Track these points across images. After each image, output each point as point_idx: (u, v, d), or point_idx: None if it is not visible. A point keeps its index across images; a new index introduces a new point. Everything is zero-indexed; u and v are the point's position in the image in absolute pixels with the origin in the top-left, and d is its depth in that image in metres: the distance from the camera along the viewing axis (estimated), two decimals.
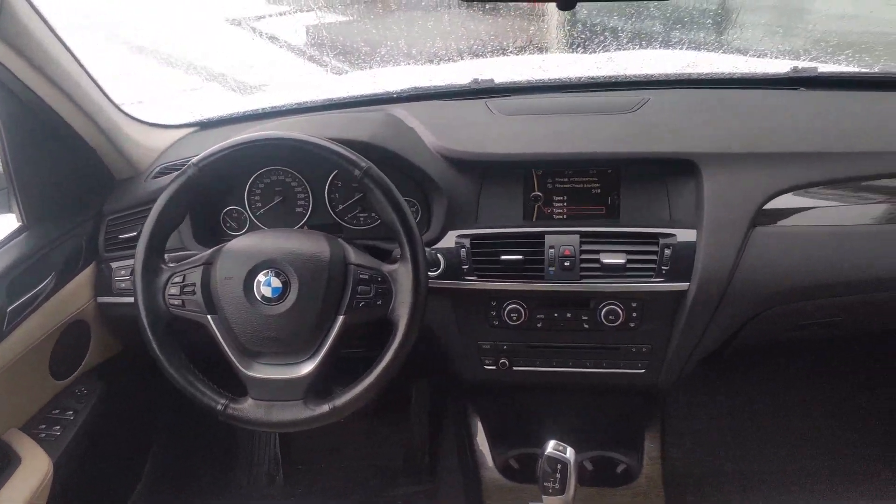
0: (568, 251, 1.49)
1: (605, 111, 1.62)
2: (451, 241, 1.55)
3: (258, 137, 1.33)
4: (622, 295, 1.51)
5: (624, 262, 1.48)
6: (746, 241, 1.46)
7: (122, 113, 1.66)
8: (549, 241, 1.50)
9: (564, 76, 1.96)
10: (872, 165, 1.49)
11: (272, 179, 1.67)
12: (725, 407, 2.16)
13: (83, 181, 1.66)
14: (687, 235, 1.48)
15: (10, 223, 1.54)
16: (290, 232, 1.52)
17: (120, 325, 1.68)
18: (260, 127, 1.67)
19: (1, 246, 1.47)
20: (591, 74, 1.93)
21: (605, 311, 1.52)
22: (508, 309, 1.54)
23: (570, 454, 1.28)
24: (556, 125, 1.61)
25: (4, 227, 1.53)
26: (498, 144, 1.57)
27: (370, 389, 1.29)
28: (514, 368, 1.63)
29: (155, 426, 2.04)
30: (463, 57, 2.20)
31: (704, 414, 2.14)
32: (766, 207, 1.47)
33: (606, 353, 1.60)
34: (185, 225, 1.59)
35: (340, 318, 1.30)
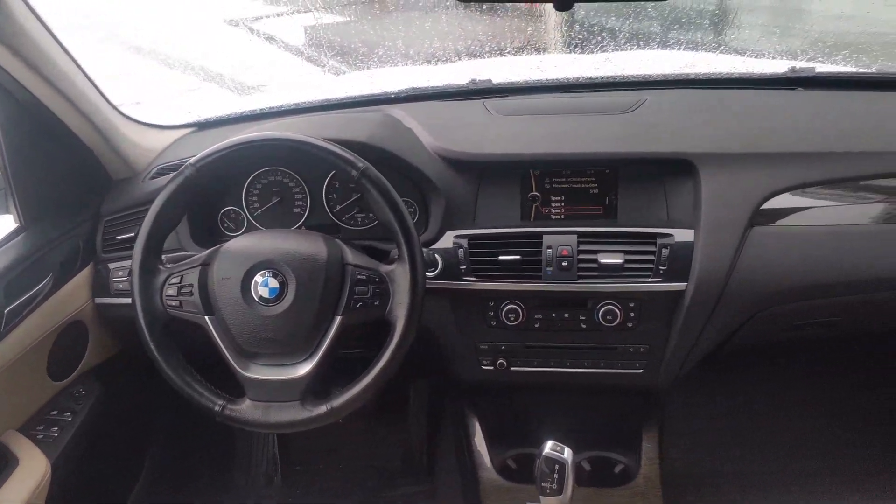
0: (566, 251, 1.49)
1: (602, 111, 1.62)
2: (448, 241, 1.55)
3: (255, 138, 1.32)
4: (620, 295, 1.51)
5: (621, 262, 1.48)
6: (744, 241, 1.46)
7: (119, 113, 1.66)
8: (546, 241, 1.50)
9: (562, 76, 1.96)
10: (870, 165, 1.49)
11: (270, 180, 1.67)
12: (724, 407, 2.16)
13: (80, 182, 1.66)
14: (684, 235, 1.48)
15: (7, 224, 1.54)
16: (287, 232, 1.52)
17: (117, 325, 1.68)
18: (258, 127, 1.67)
19: None
20: (588, 75, 1.93)
21: (602, 311, 1.52)
22: (506, 309, 1.54)
23: (567, 454, 1.28)
24: (553, 125, 1.61)
25: (2, 227, 1.53)
26: (496, 145, 1.57)
27: (368, 390, 1.29)
28: (511, 369, 1.63)
29: (153, 427, 2.04)
30: (461, 57, 2.20)
31: (702, 414, 2.14)
32: (763, 207, 1.47)
33: (604, 353, 1.60)
34: (182, 225, 1.59)
35: (338, 318, 1.30)
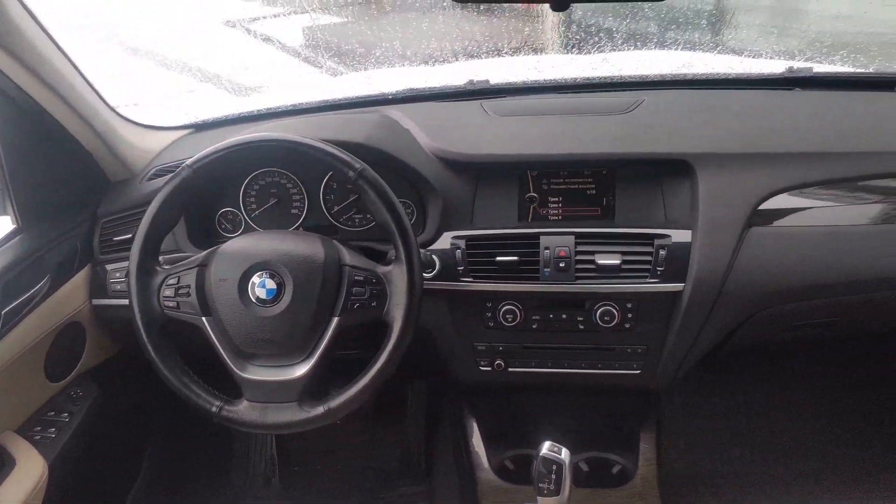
0: (563, 252, 1.49)
1: (600, 112, 1.62)
2: (446, 242, 1.55)
3: (252, 139, 1.32)
4: (617, 296, 1.51)
5: (619, 262, 1.48)
6: (742, 241, 1.46)
7: (116, 115, 1.66)
8: (544, 241, 1.50)
9: (560, 77, 1.96)
10: (868, 165, 1.49)
11: (267, 181, 1.66)
12: (722, 407, 2.16)
13: (78, 183, 1.66)
14: (682, 236, 1.48)
15: (4, 225, 1.53)
16: (284, 233, 1.52)
17: (115, 327, 1.68)
18: (255, 128, 1.66)
19: None
20: (586, 75, 1.93)
21: (600, 311, 1.52)
22: (504, 310, 1.54)
23: (565, 455, 1.28)
24: (551, 126, 1.60)
25: None
26: (493, 145, 1.57)
27: (365, 391, 1.29)
28: (509, 369, 1.63)
29: (150, 428, 2.04)
30: (458, 58, 2.20)
31: (700, 414, 2.14)
32: (761, 208, 1.47)
33: (601, 354, 1.59)
34: (180, 226, 1.58)
35: (335, 319, 1.30)
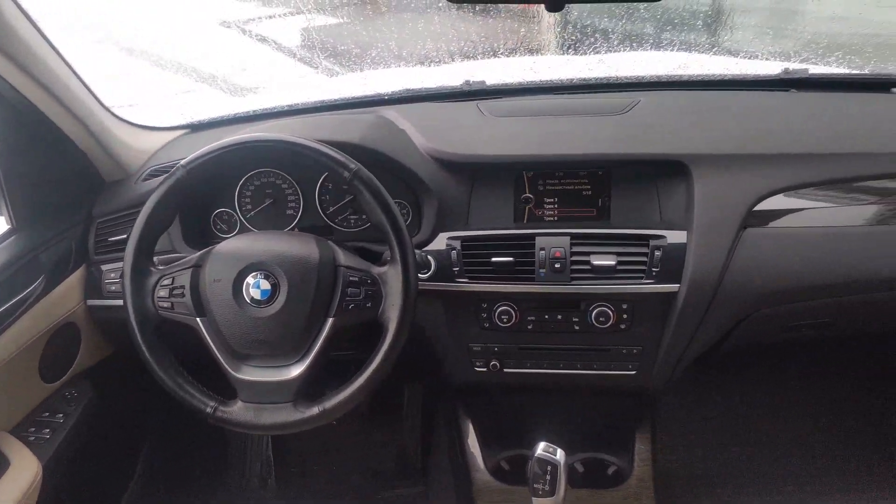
0: (558, 253, 1.49)
1: (596, 113, 1.62)
2: (441, 242, 1.55)
3: (247, 139, 1.32)
4: (613, 296, 1.51)
5: (614, 263, 1.48)
6: (737, 242, 1.46)
7: (112, 115, 1.66)
8: (539, 242, 1.50)
9: (556, 78, 1.95)
10: (863, 166, 1.49)
11: (263, 181, 1.66)
12: (717, 408, 2.16)
13: (73, 184, 1.66)
14: (677, 237, 1.48)
15: None
16: (279, 234, 1.52)
17: (110, 327, 1.68)
18: (251, 129, 1.66)
19: None
20: (582, 76, 1.93)
21: (595, 312, 1.52)
22: (499, 311, 1.54)
23: (560, 456, 1.28)
24: (547, 127, 1.61)
25: None
26: (489, 146, 1.57)
27: (360, 392, 1.29)
28: (504, 370, 1.63)
29: (146, 429, 2.03)
30: (454, 59, 2.19)
31: (696, 415, 2.14)
32: (756, 209, 1.48)
33: (597, 354, 1.60)
34: (174, 227, 1.58)
35: (330, 320, 1.30)
